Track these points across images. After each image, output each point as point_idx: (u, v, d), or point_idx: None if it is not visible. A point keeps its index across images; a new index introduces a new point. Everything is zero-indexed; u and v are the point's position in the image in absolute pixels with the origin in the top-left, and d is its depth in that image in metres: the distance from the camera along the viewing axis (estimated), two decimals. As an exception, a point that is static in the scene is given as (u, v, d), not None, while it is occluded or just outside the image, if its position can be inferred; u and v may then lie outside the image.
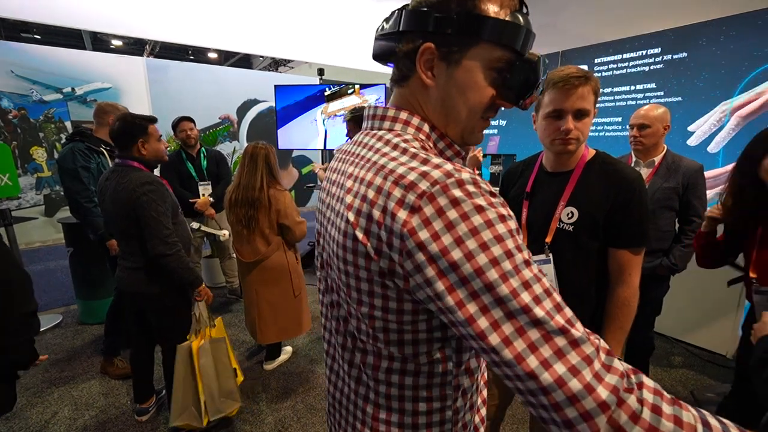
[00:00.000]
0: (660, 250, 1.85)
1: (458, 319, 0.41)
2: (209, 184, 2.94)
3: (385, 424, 0.55)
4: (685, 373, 2.33)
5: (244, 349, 2.59)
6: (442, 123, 0.54)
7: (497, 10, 0.48)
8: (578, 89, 0.97)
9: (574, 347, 0.38)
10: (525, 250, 0.43)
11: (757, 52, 2.41)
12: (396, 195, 0.43)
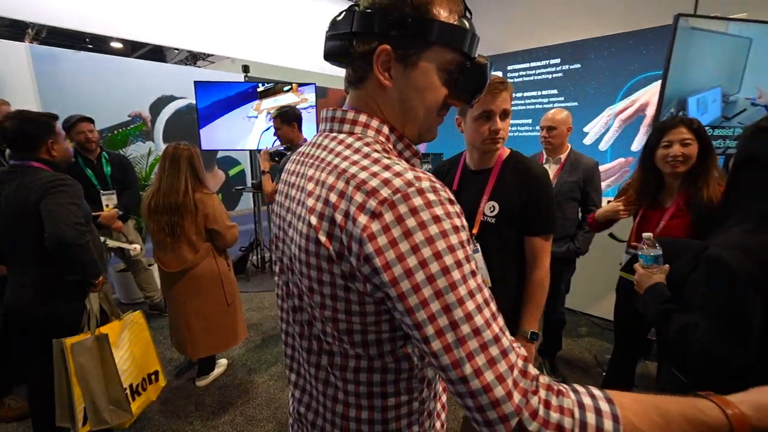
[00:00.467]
0: (567, 236, 2.13)
1: (407, 323, 0.44)
2: (114, 193, 2.58)
3: (355, 422, 0.56)
4: (590, 340, 2.71)
5: (172, 367, 2.39)
6: (401, 123, 0.55)
7: (447, 15, 0.50)
8: (502, 93, 1.09)
9: (503, 356, 0.42)
10: (472, 261, 0.45)
11: (631, 66, 2.88)
12: (358, 200, 0.44)
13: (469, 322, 0.41)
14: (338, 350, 0.54)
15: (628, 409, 0.42)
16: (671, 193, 1.50)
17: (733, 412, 0.43)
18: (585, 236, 2.11)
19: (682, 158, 1.40)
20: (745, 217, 0.81)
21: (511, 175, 1.17)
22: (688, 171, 1.42)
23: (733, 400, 0.45)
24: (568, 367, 2.40)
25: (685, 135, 1.40)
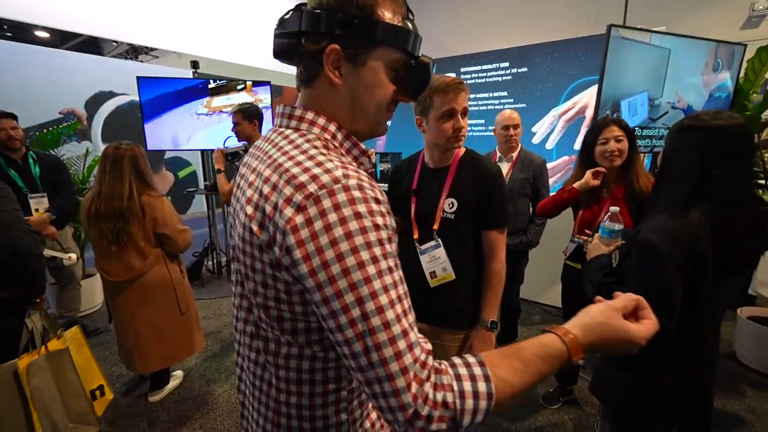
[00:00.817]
0: (520, 229, 2.26)
1: (323, 313, 0.46)
2: (44, 196, 2.33)
3: (285, 406, 0.58)
4: (543, 327, 2.89)
5: (120, 384, 2.22)
6: (350, 120, 0.57)
7: (391, 16, 0.53)
8: (461, 93, 1.14)
9: (409, 350, 0.45)
10: (391, 258, 0.47)
11: (571, 70, 3.10)
12: (286, 193, 0.46)
13: (380, 315, 0.44)
14: (272, 337, 0.55)
15: (496, 366, 0.48)
16: (608, 186, 1.66)
17: (569, 338, 0.51)
18: (536, 229, 2.25)
19: (618, 152, 1.58)
20: (669, 204, 0.91)
21: (468, 172, 1.23)
22: (621, 165, 1.59)
23: (567, 326, 0.53)
24: (523, 353, 2.54)
25: (617, 132, 1.58)
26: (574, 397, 2.07)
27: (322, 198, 0.45)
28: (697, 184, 0.87)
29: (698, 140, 0.89)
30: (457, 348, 1.29)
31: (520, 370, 0.48)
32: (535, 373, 0.49)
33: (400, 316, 0.45)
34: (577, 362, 0.51)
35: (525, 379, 0.48)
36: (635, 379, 1.00)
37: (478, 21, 4.21)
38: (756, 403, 2.05)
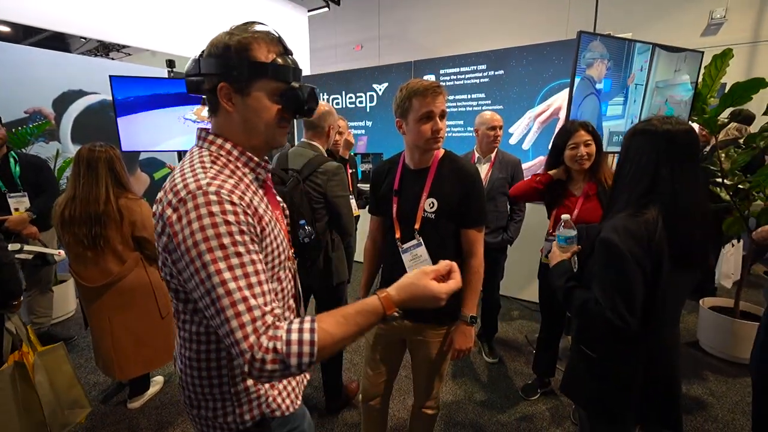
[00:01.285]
0: (500, 227, 2.33)
1: (190, 286, 0.64)
2: (25, 195, 2.30)
3: (183, 357, 0.77)
4: (522, 322, 2.99)
5: (98, 392, 2.16)
6: (246, 138, 0.72)
7: (265, 56, 0.68)
8: (439, 96, 1.17)
9: (248, 311, 0.59)
10: (241, 246, 0.62)
11: (545, 74, 3.21)
12: (168, 197, 0.64)
13: (223, 286, 0.59)
14: (175, 306, 0.74)
15: (322, 321, 0.62)
16: (578, 185, 1.74)
17: (383, 296, 0.66)
18: (515, 226, 2.34)
19: (587, 156, 1.66)
20: (627, 204, 0.98)
21: (447, 173, 1.27)
22: (592, 169, 1.68)
23: (387, 288, 0.68)
24: (504, 348, 2.62)
25: (585, 137, 1.67)
26: (551, 388, 2.16)
27: (187, 201, 0.62)
28: (650, 184, 0.94)
29: (649, 143, 0.96)
30: (439, 343, 1.33)
31: (342, 323, 0.63)
32: (354, 325, 0.64)
33: (242, 288, 0.60)
34: (392, 314, 0.66)
35: (345, 329, 0.63)
36: (602, 376, 1.05)
37: (457, 24, 4.30)
38: (716, 386, 2.20)
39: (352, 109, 4.54)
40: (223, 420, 0.76)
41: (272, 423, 0.79)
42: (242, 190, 0.67)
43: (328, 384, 1.97)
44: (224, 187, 0.63)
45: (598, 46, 2.12)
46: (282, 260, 0.77)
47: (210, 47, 0.70)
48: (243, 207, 0.64)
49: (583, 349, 1.08)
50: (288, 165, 1.67)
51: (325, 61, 7.99)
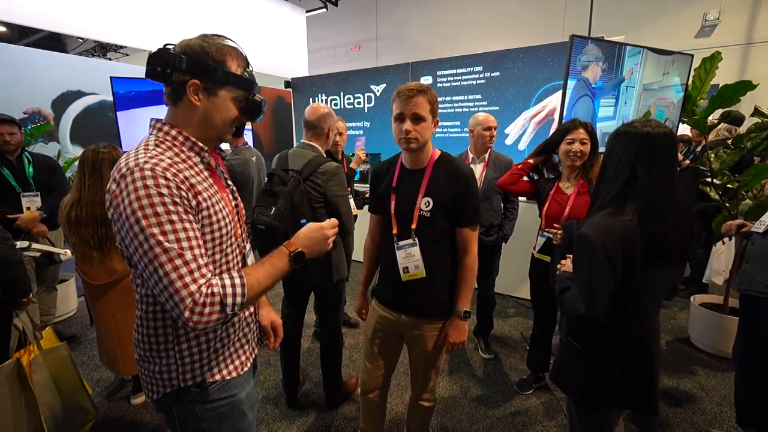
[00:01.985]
0: (495, 225, 2.38)
1: (130, 251, 0.72)
2: (37, 195, 2.37)
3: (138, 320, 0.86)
4: (517, 320, 3.04)
5: (102, 388, 2.20)
6: (202, 128, 0.83)
7: (236, 68, 0.81)
8: (414, 98, 1.21)
9: (185, 265, 0.70)
10: (175, 214, 0.71)
11: (540, 75, 3.27)
12: (114, 173, 0.74)
13: (159, 246, 0.69)
14: (130, 270, 0.83)
15: (248, 272, 0.78)
16: (570, 183, 1.80)
17: (287, 243, 0.86)
18: (509, 223, 2.40)
19: (580, 154, 1.72)
20: (606, 202, 1.03)
21: (443, 173, 1.32)
22: (582, 164, 1.74)
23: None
24: (499, 344, 2.67)
25: (583, 135, 1.72)
26: (546, 383, 2.22)
27: (126, 176, 0.71)
28: (627, 182, 1.00)
29: (629, 144, 1.02)
30: (435, 337, 1.38)
31: (262, 269, 0.80)
32: (271, 266, 0.81)
33: (178, 249, 0.70)
34: (294, 251, 0.84)
35: (265, 273, 0.80)
36: (586, 367, 1.11)
37: (454, 26, 4.35)
38: (706, 381, 2.26)
39: (350, 109, 4.58)
40: (167, 376, 0.84)
41: (210, 387, 0.87)
42: (179, 168, 0.75)
43: (327, 380, 2.01)
44: (159, 165, 0.72)
45: (593, 49, 2.18)
46: (227, 234, 0.85)
47: (186, 47, 0.78)
48: (176, 182, 0.73)
49: (570, 340, 1.14)
50: (288, 165, 1.72)
51: (323, 61, 8.04)
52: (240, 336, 0.94)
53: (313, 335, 2.77)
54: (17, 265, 1.39)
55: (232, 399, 0.90)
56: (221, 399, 0.88)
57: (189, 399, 0.86)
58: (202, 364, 0.85)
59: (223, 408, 0.89)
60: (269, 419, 1.97)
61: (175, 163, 0.75)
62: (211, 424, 0.88)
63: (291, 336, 1.98)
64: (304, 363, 2.41)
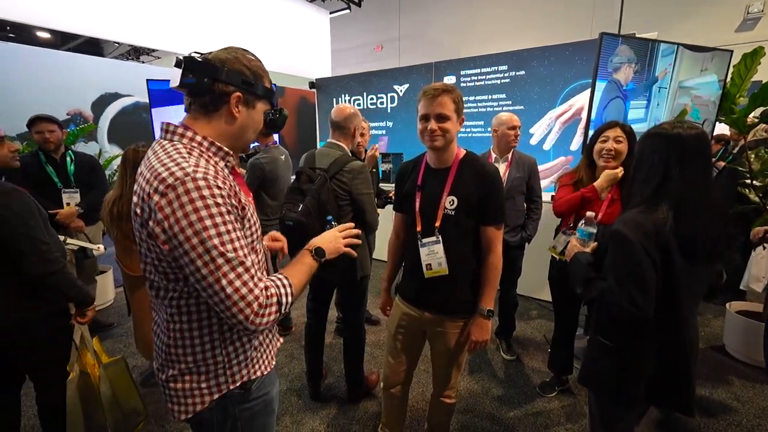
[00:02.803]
0: (519, 225, 2.37)
1: (184, 262, 0.71)
2: (77, 192, 2.51)
3: (171, 332, 0.82)
4: (540, 322, 3.00)
5: (137, 374, 2.32)
6: (237, 139, 0.85)
7: (268, 84, 0.86)
8: (438, 98, 1.23)
9: (246, 272, 0.72)
10: (230, 224, 0.72)
11: (567, 74, 3.20)
12: (154, 185, 0.70)
13: (223, 257, 0.70)
14: (162, 287, 0.80)
15: (291, 275, 0.84)
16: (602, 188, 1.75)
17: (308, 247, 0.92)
18: (533, 224, 2.37)
19: (614, 153, 1.67)
20: (639, 202, 1.03)
21: (468, 172, 1.33)
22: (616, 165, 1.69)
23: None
24: (522, 346, 2.65)
25: (618, 134, 1.69)
26: (568, 386, 2.18)
27: (177, 186, 0.68)
28: (661, 182, 1.00)
29: (660, 145, 1.02)
30: (457, 335, 1.39)
31: (298, 270, 0.87)
32: (302, 264, 0.89)
33: (237, 258, 0.71)
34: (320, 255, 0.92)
35: (302, 274, 0.86)
36: (619, 365, 1.10)
37: (478, 25, 4.31)
38: (741, 391, 2.16)
39: (373, 109, 4.62)
40: (215, 382, 0.84)
41: (252, 385, 0.89)
42: (223, 176, 0.76)
43: (349, 374, 2.05)
44: (209, 173, 0.72)
45: (625, 51, 2.13)
46: (257, 235, 0.88)
47: (225, 61, 0.79)
48: (227, 190, 0.74)
49: (601, 339, 1.13)
50: (315, 164, 1.77)
51: (346, 62, 8.12)
52: (269, 329, 0.97)
53: (335, 331, 2.82)
54: (59, 276, 1.40)
55: (266, 396, 0.93)
56: (258, 397, 0.91)
57: (231, 402, 0.87)
58: (247, 363, 0.87)
59: (258, 406, 0.92)
60: (293, 410, 2.03)
61: (217, 172, 0.75)
62: (245, 423, 0.90)
63: (315, 330, 2.04)
64: (327, 357, 2.46)
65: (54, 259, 1.38)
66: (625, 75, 2.18)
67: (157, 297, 0.82)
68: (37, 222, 1.39)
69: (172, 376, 0.84)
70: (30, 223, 1.35)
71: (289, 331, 2.78)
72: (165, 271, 0.76)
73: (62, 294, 1.44)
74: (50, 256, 1.38)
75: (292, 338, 2.73)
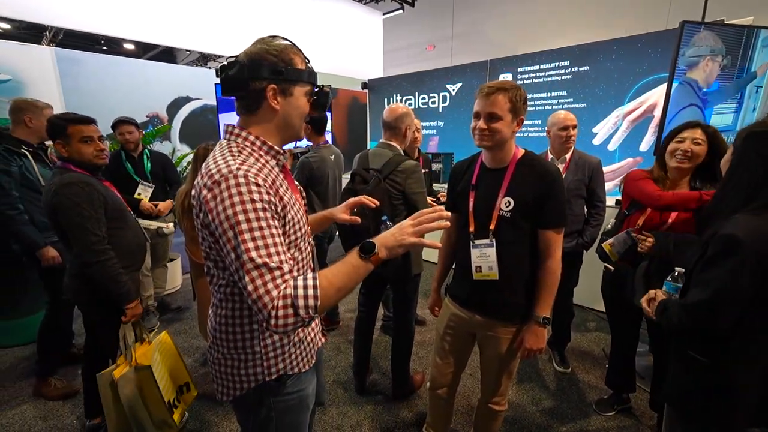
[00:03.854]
0: (576, 231, 2.22)
1: (223, 252, 0.75)
2: (152, 186, 2.79)
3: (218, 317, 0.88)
4: (598, 335, 2.80)
5: (199, 354, 2.52)
6: (284, 131, 0.87)
7: (301, 64, 0.84)
8: (490, 97, 1.19)
9: (269, 272, 0.71)
10: (264, 221, 0.73)
11: (638, 68, 2.95)
12: (204, 180, 0.76)
13: (247, 254, 0.71)
14: (214, 274, 0.87)
15: (323, 273, 0.76)
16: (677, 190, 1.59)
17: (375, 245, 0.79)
18: (592, 230, 2.21)
19: (689, 155, 1.51)
20: (743, 205, 0.93)
21: (526, 172, 1.27)
22: (699, 175, 1.52)
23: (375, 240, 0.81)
24: (577, 359, 2.49)
25: (698, 135, 1.51)
26: (630, 406, 2.01)
27: (221, 182, 0.73)
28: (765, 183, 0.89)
29: (764, 145, 0.91)
30: (510, 341, 1.35)
31: (339, 270, 0.77)
32: (345, 270, 0.77)
33: (263, 256, 0.72)
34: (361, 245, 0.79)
35: (343, 275, 0.77)
36: (716, 383, 0.99)
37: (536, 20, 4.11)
38: None
39: (425, 109, 4.60)
40: (252, 371, 0.88)
41: (288, 380, 0.91)
42: (266, 174, 0.78)
43: (396, 371, 2.07)
44: (251, 171, 0.75)
45: (706, 38, 1.83)
46: (302, 233, 0.89)
47: (252, 54, 0.81)
48: (266, 187, 0.76)
49: (693, 354, 1.03)
50: (369, 165, 1.80)
51: (398, 62, 8.16)
52: (311, 328, 0.99)
53: (381, 328, 2.85)
54: (97, 268, 1.47)
55: (301, 393, 0.95)
56: (293, 392, 0.93)
57: (267, 392, 0.91)
58: (284, 357, 0.90)
59: (293, 401, 0.94)
60: (339, 402, 2.08)
61: (261, 169, 0.78)
62: (279, 414, 0.93)
63: (366, 325, 2.08)
64: (372, 353, 2.50)
65: (99, 251, 1.48)
66: (706, 73, 1.84)
67: (211, 283, 0.88)
68: (94, 213, 1.49)
69: (217, 359, 0.90)
70: (84, 213, 1.46)
71: (336, 325, 2.86)
72: (215, 258, 0.83)
73: (100, 287, 1.51)
74: (96, 248, 1.47)
75: (339, 332, 2.80)
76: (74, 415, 1.96)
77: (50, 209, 1.47)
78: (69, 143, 1.54)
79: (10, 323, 2.56)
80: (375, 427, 1.90)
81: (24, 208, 2.00)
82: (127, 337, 1.56)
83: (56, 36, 9.54)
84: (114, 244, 1.57)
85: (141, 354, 1.60)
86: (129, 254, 1.66)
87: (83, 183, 1.49)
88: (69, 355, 2.36)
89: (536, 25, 5.85)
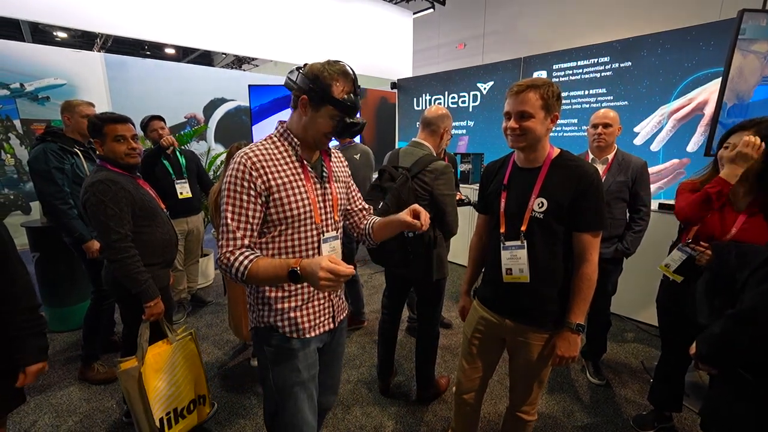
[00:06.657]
0: (615, 236, 2.10)
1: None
2: (186, 182, 2.88)
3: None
4: (637, 346, 2.64)
5: (229, 348, 2.60)
6: (303, 134, 1.05)
7: (339, 92, 0.99)
8: (520, 95, 1.15)
9: (233, 236, 0.96)
10: (238, 194, 0.96)
11: (687, 63, 2.76)
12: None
13: (224, 219, 0.96)
14: None
15: (261, 262, 0.94)
16: (739, 197, 1.46)
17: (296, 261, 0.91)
18: (633, 236, 2.07)
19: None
20: None
21: (561, 173, 1.21)
22: (762, 178, 1.39)
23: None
24: (613, 371, 2.36)
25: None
26: (672, 425, 1.88)
27: (233, 161, 0.98)
28: None
29: None
30: (540, 347, 1.29)
31: (267, 270, 0.93)
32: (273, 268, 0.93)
33: (232, 221, 0.96)
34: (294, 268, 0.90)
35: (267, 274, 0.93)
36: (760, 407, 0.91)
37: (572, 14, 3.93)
38: None
39: (454, 108, 4.53)
40: (253, 316, 1.13)
41: (274, 333, 1.09)
42: (264, 157, 0.99)
43: (421, 374, 2.04)
44: (250, 153, 0.97)
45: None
46: (300, 216, 1.03)
47: (309, 69, 1.00)
48: (249, 167, 0.96)
49: (742, 372, 0.94)
50: (398, 163, 1.78)
51: (427, 61, 8.10)
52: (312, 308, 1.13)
53: (406, 330, 2.83)
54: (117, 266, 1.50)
55: (288, 352, 1.10)
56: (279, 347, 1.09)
57: (260, 336, 1.11)
58: (276, 313, 1.08)
59: (279, 357, 1.09)
60: (363, 401, 2.08)
61: (267, 153, 1.00)
62: (270, 357, 1.10)
63: (390, 326, 2.06)
64: (397, 356, 2.48)
65: (118, 249, 1.50)
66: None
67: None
68: (118, 211, 1.51)
69: (249, 294, 1.13)
70: (108, 211, 1.49)
71: (362, 324, 2.87)
72: None
73: (122, 283, 1.55)
74: (116, 245, 1.50)
75: (364, 332, 2.80)
76: (114, 399, 2.07)
77: (82, 206, 1.55)
78: (104, 142, 1.58)
79: (62, 310, 2.75)
80: (398, 429, 1.88)
81: (74, 203, 2.14)
82: (142, 334, 1.57)
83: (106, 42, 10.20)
84: (143, 241, 1.60)
85: (156, 353, 1.60)
86: (158, 251, 1.69)
87: (109, 181, 1.52)
88: (110, 342, 2.50)
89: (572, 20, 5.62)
